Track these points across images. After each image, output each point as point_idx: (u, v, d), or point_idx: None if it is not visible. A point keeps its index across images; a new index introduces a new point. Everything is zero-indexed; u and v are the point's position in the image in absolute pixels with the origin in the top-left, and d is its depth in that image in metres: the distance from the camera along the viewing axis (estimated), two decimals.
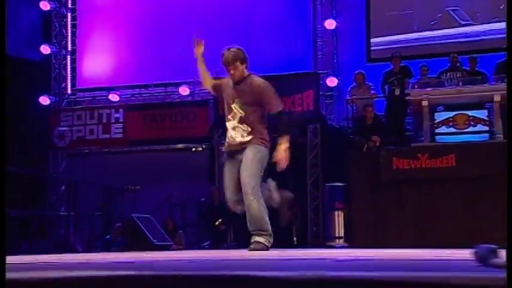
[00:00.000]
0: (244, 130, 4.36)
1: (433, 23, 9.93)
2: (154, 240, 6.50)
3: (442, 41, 9.80)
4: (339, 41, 10.78)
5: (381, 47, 10.20)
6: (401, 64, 8.76)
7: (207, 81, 4.79)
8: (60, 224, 10.92)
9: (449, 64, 8.43)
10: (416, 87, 7.78)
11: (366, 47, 10.44)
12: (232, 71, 4.45)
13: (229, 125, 4.45)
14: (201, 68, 4.86)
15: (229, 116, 4.45)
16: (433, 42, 9.88)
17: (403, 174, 7.28)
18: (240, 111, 4.38)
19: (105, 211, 8.44)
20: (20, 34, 11.27)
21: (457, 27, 9.76)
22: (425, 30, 9.91)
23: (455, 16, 9.80)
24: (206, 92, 11.27)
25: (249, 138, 4.34)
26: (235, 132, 4.39)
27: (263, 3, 11.08)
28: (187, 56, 11.25)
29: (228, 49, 4.53)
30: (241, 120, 4.36)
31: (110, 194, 8.32)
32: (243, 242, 9.07)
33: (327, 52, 10.69)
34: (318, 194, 9.14)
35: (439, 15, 9.98)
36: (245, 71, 4.50)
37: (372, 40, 10.30)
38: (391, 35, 10.20)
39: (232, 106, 4.42)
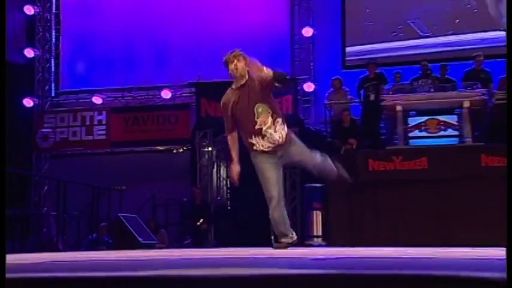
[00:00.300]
0: (279, 124, 4.11)
1: (394, 34, 10.04)
2: (140, 239, 6.36)
3: (411, 52, 9.91)
4: (315, 48, 10.76)
5: (355, 57, 10.25)
6: (377, 71, 8.78)
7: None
8: (43, 224, 10.68)
9: (420, 72, 8.47)
10: (390, 93, 7.80)
11: (341, 54, 10.45)
12: (234, 65, 4.09)
13: (263, 132, 4.07)
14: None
15: (258, 122, 4.08)
16: (402, 53, 9.98)
17: (379, 176, 7.30)
18: (268, 110, 4.09)
19: (92, 211, 8.25)
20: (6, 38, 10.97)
21: (419, 38, 9.91)
22: (392, 41, 10.02)
23: (415, 28, 9.92)
24: (187, 96, 11.22)
25: (285, 128, 4.16)
26: (275, 133, 4.09)
27: (243, 11, 10.99)
28: (169, 61, 11.30)
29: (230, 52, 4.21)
30: (273, 117, 4.09)
31: (97, 194, 8.13)
32: (223, 240, 9.03)
33: (304, 59, 10.68)
34: (295, 195, 9.08)
35: (400, 26, 10.10)
36: (246, 69, 4.16)
37: (347, 49, 10.34)
38: (364, 44, 10.26)
39: (258, 111, 4.08)
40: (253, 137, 4.12)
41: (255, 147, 4.14)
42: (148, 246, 6.22)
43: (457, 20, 9.91)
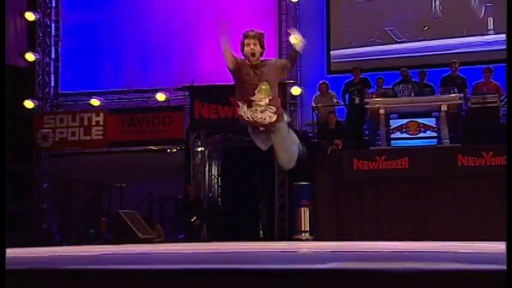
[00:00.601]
0: (271, 111, 4.06)
1: (371, 39, 10.21)
2: (139, 234, 6.40)
3: (389, 55, 10.08)
4: (302, 54, 10.83)
5: (338, 60, 10.40)
6: (361, 76, 8.90)
7: (229, 54, 4.18)
8: (43, 220, 10.63)
9: (400, 77, 8.60)
10: (374, 96, 7.92)
11: (326, 60, 10.57)
12: (251, 49, 4.03)
13: (253, 104, 4.04)
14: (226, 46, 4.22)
15: (255, 95, 4.02)
16: (380, 57, 10.14)
17: (363, 175, 7.42)
18: (270, 93, 4.04)
19: (93, 207, 8.24)
20: (7, 42, 10.90)
21: (395, 43, 10.10)
22: (371, 46, 10.20)
23: (390, 34, 10.11)
24: (181, 98, 11.24)
25: (275, 117, 4.09)
26: (263, 114, 4.05)
27: (234, 19, 11.04)
28: (164, 65, 11.32)
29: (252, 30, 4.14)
30: (270, 102, 4.03)
31: (98, 191, 8.13)
32: (215, 235, 9.09)
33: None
34: (284, 192, 9.16)
35: (377, 32, 10.29)
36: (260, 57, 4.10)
37: (332, 52, 10.48)
38: (346, 48, 10.43)
39: (261, 87, 4.03)
40: (243, 102, 4.12)
41: (239, 112, 4.19)
42: (147, 241, 6.26)
43: (426, 28, 10.14)
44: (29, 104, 11.29)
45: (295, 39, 4.22)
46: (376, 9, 10.36)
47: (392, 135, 7.69)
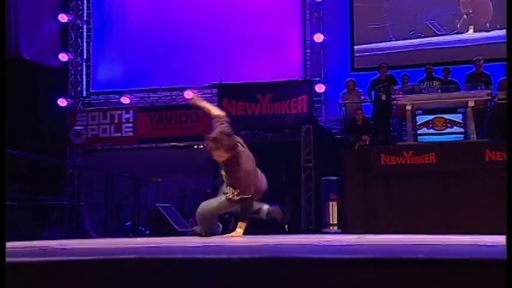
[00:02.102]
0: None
1: (412, 32, 10.03)
2: (176, 227, 6.39)
3: (418, 48, 9.91)
4: (325, 52, 10.77)
5: (362, 54, 10.27)
6: (387, 73, 8.79)
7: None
8: (77, 213, 10.69)
9: (425, 74, 8.48)
10: (400, 93, 7.81)
11: (350, 58, 10.47)
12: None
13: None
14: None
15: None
16: (408, 50, 9.98)
17: (391, 169, 7.31)
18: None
19: (130, 201, 8.26)
20: (42, 43, 11.00)
21: (433, 36, 9.90)
22: (402, 39, 10.02)
23: (431, 27, 9.94)
24: (208, 96, 11.21)
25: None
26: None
27: (260, 18, 11.01)
28: (192, 64, 11.30)
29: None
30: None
31: (136, 185, 8.14)
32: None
33: (315, 62, 10.69)
34: (310, 187, 9.11)
35: (418, 26, 10.11)
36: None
37: (355, 47, 10.36)
38: (372, 43, 10.30)
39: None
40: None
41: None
42: (183, 234, 6.24)
43: (457, 22, 9.95)
44: (62, 102, 11.38)
45: None
46: (401, 4, 10.21)
47: (419, 131, 7.57)
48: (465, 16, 9.85)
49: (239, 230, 4.05)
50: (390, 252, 1.61)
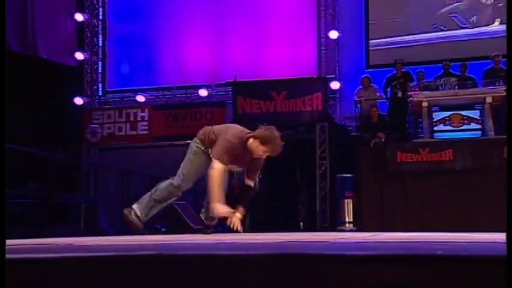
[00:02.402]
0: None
1: (434, 25, 9.87)
2: (192, 225, 6.40)
3: (435, 42, 9.76)
4: (340, 49, 10.70)
5: (378, 48, 10.17)
6: (403, 70, 8.71)
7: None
8: (93, 211, 10.79)
9: (442, 70, 8.37)
10: (417, 90, 7.72)
11: (365, 54, 10.39)
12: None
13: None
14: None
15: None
16: (425, 44, 9.83)
17: (407, 167, 7.24)
18: None
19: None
20: (58, 42, 11.10)
21: (455, 29, 9.73)
22: (422, 33, 9.87)
23: (455, 20, 9.78)
24: (223, 94, 11.24)
25: None
26: None
27: (274, 17, 10.99)
28: (206, 62, 11.32)
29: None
30: None
31: (152, 183, 8.13)
32: (257, 227, 9.05)
33: (330, 59, 10.62)
34: (325, 184, 9.05)
35: (441, 19, 9.96)
36: None
37: (371, 42, 10.26)
38: (388, 38, 10.18)
39: None
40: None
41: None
42: (199, 231, 6.23)
43: (474, 16, 9.79)
44: (78, 100, 11.48)
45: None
46: None
47: (435, 128, 7.49)
48: (490, 8, 9.66)
49: (238, 215, 4.11)
50: (406, 249, 1.59)
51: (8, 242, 1.73)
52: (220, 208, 3.97)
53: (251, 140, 4.01)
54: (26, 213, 8.64)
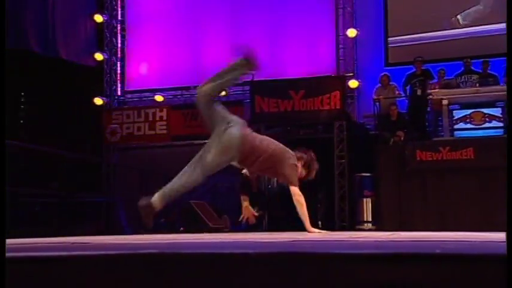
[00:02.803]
0: None
1: (454, 21, 9.69)
2: (209, 223, 6.43)
3: (456, 38, 9.61)
4: (359, 47, 10.63)
5: (397, 45, 10.05)
6: (423, 67, 8.60)
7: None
8: (112, 210, 10.90)
9: (463, 68, 8.25)
10: (436, 88, 7.63)
11: (384, 52, 10.30)
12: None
13: None
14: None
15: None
16: (446, 39, 9.68)
17: (426, 165, 7.17)
18: None
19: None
20: (78, 43, 11.24)
21: (477, 25, 9.55)
22: (441, 30, 9.71)
23: (452, 20, 9.62)
24: (240, 93, 11.25)
25: None
26: None
27: (292, 15, 10.96)
28: (224, 61, 11.34)
29: None
30: None
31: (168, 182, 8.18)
32: (275, 226, 9.03)
33: (349, 57, 10.56)
34: (344, 183, 8.99)
35: (437, 19, 9.82)
36: None
37: (390, 39, 10.15)
38: (407, 35, 10.04)
39: None
40: None
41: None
42: (216, 230, 6.27)
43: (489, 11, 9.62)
44: (98, 101, 11.61)
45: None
46: None
47: (455, 126, 7.39)
48: None
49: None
50: (407, 248, 1.57)
51: (10, 241, 1.76)
52: (314, 230, 4.17)
53: (297, 164, 4.14)
54: (47, 212, 8.77)
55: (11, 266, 1.15)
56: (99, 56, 11.62)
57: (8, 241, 1.70)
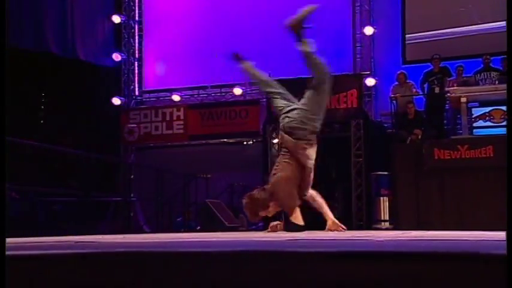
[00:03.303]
0: None
1: (448, 23, 9.55)
2: (225, 222, 6.46)
3: (475, 34, 9.46)
4: (375, 45, 10.56)
5: (415, 41, 9.95)
6: (441, 65, 8.51)
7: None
8: (130, 209, 11.01)
9: (482, 65, 8.13)
10: (455, 85, 7.54)
11: (401, 50, 10.21)
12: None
13: None
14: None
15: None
16: (465, 35, 9.53)
17: (444, 164, 7.08)
18: None
19: (181, 196, 8.41)
20: (96, 44, 11.38)
21: (496, 21, 9.38)
22: (460, 26, 9.57)
23: (470, 16, 9.45)
24: (257, 92, 11.26)
25: None
26: None
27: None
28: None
29: None
30: None
31: (186, 181, 8.29)
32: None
33: (365, 55, 10.50)
34: (361, 182, 8.94)
35: (455, 15, 9.65)
36: None
37: (407, 36, 10.03)
38: (424, 32, 9.92)
39: None
40: None
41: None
42: (233, 229, 6.30)
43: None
44: (116, 101, 11.74)
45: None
46: None
47: (474, 124, 7.29)
48: None
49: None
50: (404, 247, 1.55)
51: (11, 240, 1.79)
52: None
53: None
54: (67, 211, 8.91)
55: (12, 265, 1.17)
56: (117, 57, 11.75)
57: (9, 240, 1.74)
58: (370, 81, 10.15)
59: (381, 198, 7.59)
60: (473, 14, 9.57)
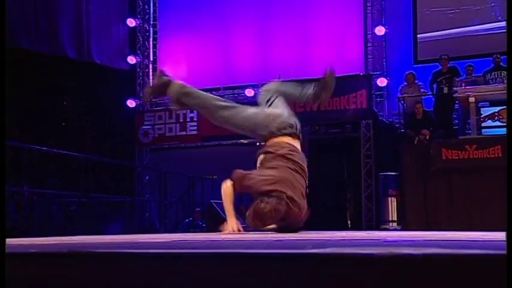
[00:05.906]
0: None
1: (459, 22, 9.47)
2: None
3: (485, 33, 9.35)
4: (387, 45, 10.52)
5: (426, 40, 9.89)
6: (450, 65, 8.44)
7: None
8: (145, 209, 11.18)
9: (493, 64, 8.04)
10: (463, 85, 7.49)
11: (413, 50, 10.15)
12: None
13: None
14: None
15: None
16: (475, 35, 9.43)
17: (452, 164, 7.04)
18: None
19: (188, 198, 8.52)
20: (111, 47, 11.59)
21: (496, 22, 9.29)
22: (471, 25, 9.47)
23: (483, 14, 9.34)
24: None
25: None
26: None
27: (320, 13, 10.96)
28: (252, 61, 11.46)
29: None
30: None
31: (192, 183, 8.39)
32: (304, 225, 9.06)
33: (377, 55, 10.46)
34: (371, 183, 8.94)
35: (465, 14, 9.54)
36: None
37: (419, 36, 9.98)
38: (436, 31, 9.85)
39: None
40: None
41: None
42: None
43: None
44: (131, 103, 11.93)
45: None
46: None
47: (483, 124, 7.23)
48: None
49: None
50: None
51: (11, 240, 1.86)
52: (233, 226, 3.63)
53: None
54: (83, 212, 9.10)
55: (13, 263, 1.19)
56: (132, 60, 11.94)
57: (10, 240, 1.81)
58: (381, 81, 10.12)
59: (389, 198, 7.58)
60: (496, 10, 9.46)
